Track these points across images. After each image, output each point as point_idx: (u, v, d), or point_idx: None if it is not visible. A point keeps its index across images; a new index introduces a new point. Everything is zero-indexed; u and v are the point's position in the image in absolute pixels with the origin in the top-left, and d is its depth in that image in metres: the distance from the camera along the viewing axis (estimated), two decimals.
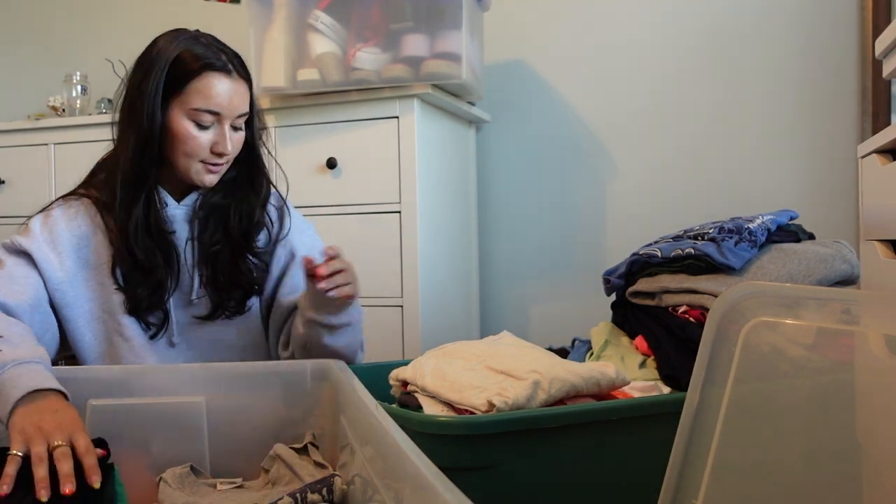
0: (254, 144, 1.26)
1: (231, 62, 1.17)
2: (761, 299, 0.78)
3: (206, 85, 1.13)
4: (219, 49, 1.17)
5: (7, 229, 2.22)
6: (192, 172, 1.18)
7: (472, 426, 0.92)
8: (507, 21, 2.17)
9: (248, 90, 1.20)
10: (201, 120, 1.14)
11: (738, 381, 0.77)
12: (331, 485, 0.81)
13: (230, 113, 1.15)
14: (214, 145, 1.16)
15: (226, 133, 1.16)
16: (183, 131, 1.14)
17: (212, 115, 1.14)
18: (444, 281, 1.93)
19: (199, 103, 1.13)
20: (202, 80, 1.13)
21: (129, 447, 0.91)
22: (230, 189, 1.26)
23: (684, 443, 0.79)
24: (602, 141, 2.13)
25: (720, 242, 1.23)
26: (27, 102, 2.68)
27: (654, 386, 1.17)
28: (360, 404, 0.78)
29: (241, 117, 1.18)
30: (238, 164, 1.25)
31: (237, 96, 1.16)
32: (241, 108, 1.17)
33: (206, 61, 1.14)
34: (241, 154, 1.24)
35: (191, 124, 1.14)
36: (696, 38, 2.02)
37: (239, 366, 1.06)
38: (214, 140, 1.16)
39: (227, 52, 1.18)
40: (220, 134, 1.16)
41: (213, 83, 1.13)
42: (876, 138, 0.95)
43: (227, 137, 1.16)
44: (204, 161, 1.17)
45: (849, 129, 1.89)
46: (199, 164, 1.17)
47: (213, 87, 1.13)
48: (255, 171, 1.28)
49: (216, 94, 1.13)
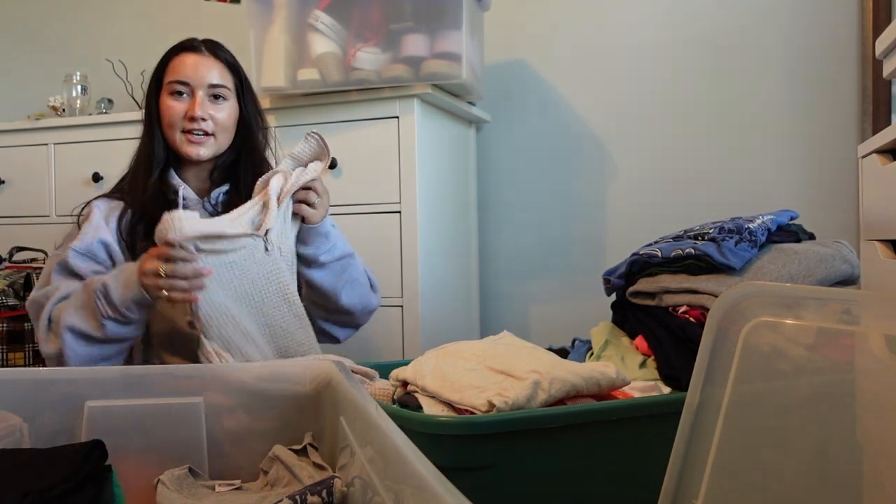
0: (249, 126, 1.40)
1: (203, 43, 1.37)
2: (761, 299, 0.77)
3: (177, 61, 1.35)
4: (196, 39, 1.37)
5: (7, 229, 2.22)
6: (178, 143, 1.34)
7: (472, 426, 0.92)
8: (507, 21, 2.17)
9: (224, 67, 1.37)
10: (175, 89, 1.33)
11: (738, 381, 0.77)
12: (330, 486, 0.80)
13: (198, 82, 1.33)
14: (187, 111, 1.32)
15: (197, 100, 1.32)
16: (163, 105, 1.34)
17: (182, 84, 1.32)
18: (445, 281, 1.92)
19: (171, 77, 1.34)
20: (174, 60, 1.35)
21: (126, 449, 0.91)
22: (231, 171, 1.41)
23: (684, 443, 0.79)
24: (602, 141, 2.12)
25: (720, 242, 1.23)
26: (27, 102, 2.68)
27: (654, 386, 1.16)
28: (360, 405, 0.78)
29: (216, 87, 1.34)
30: (236, 148, 1.40)
31: (204, 67, 1.33)
32: (208, 77, 1.33)
33: (178, 45, 1.37)
34: (241, 142, 1.40)
35: (169, 97, 1.33)
36: (697, 38, 2.02)
37: (238, 366, 1.06)
38: (188, 107, 1.32)
39: (204, 40, 1.38)
40: (191, 101, 1.32)
41: (182, 58, 1.34)
42: (876, 138, 0.95)
43: (196, 103, 1.31)
44: (184, 130, 1.32)
45: (849, 129, 1.89)
46: (181, 135, 1.33)
47: (182, 61, 1.34)
48: (253, 154, 1.41)
49: (183, 66, 1.33)
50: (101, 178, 2.09)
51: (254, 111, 1.42)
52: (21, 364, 1.75)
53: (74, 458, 0.79)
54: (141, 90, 2.49)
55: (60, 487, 0.74)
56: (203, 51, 1.36)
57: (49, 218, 2.19)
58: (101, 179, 2.09)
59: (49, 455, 0.81)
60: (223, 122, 1.35)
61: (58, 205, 2.19)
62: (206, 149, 1.35)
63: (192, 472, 0.93)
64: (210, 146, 1.35)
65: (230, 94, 1.37)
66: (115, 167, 1.50)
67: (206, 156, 1.35)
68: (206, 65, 1.34)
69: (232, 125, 1.38)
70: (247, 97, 1.40)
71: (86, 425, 0.92)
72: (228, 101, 1.36)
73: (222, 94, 1.35)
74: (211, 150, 1.35)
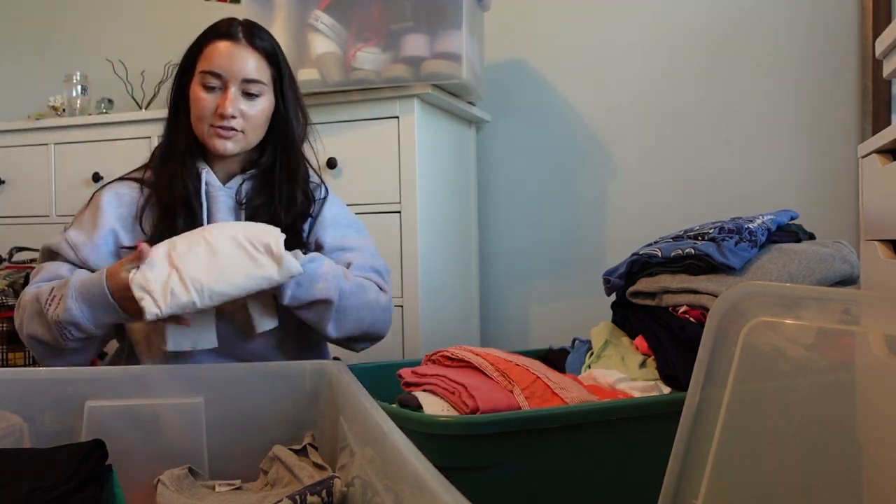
0: (286, 121, 1.30)
1: (241, 29, 1.25)
2: (761, 299, 0.77)
3: (211, 49, 1.23)
4: (235, 21, 1.27)
5: (7, 229, 2.22)
6: (205, 136, 1.24)
7: (472, 426, 0.92)
8: (507, 21, 2.17)
9: (262, 59, 1.25)
10: (208, 82, 1.22)
11: (738, 381, 0.77)
12: (330, 486, 0.80)
13: (233, 75, 1.22)
14: (218, 107, 1.22)
15: (229, 95, 1.21)
16: (194, 96, 1.23)
17: (215, 77, 1.22)
18: (445, 281, 1.92)
19: (204, 66, 1.23)
20: (209, 46, 1.24)
21: (127, 448, 0.91)
22: (266, 179, 1.30)
23: (684, 443, 0.79)
24: (602, 141, 2.12)
25: (720, 242, 1.23)
26: (27, 102, 2.68)
27: (654, 386, 1.16)
28: (360, 405, 0.78)
29: (250, 83, 1.23)
30: (271, 147, 1.30)
31: (240, 59, 1.22)
32: (244, 71, 1.22)
33: (215, 30, 1.25)
34: (275, 138, 1.30)
35: (200, 88, 1.23)
36: (697, 38, 2.02)
37: (238, 366, 1.06)
38: (219, 102, 1.22)
39: (243, 23, 1.27)
40: (223, 96, 1.22)
41: (217, 46, 1.23)
42: (876, 138, 0.95)
43: (228, 99, 1.21)
44: (212, 125, 1.23)
45: (849, 129, 1.89)
46: (209, 129, 1.23)
47: (217, 49, 1.23)
48: (288, 150, 1.31)
49: (218, 56, 1.22)
50: (101, 178, 2.08)
51: (294, 105, 1.31)
52: (21, 364, 1.75)
53: (74, 458, 0.80)
54: (141, 90, 2.49)
55: (61, 487, 0.75)
56: (240, 38, 1.24)
57: (49, 218, 2.19)
58: (101, 179, 2.09)
59: (49, 455, 0.81)
60: (254, 118, 1.25)
61: (58, 205, 2.19)
62: (234, 143, 1.25)
63: (192, 472, 0.93)
64: (238, 141, 1.25)
65: (266, 89, 1.26)
66: (116, 167, 1.49)
67: (232, 151, 1.25)
68: (242, 56, 1.23)
69: (264, 121, 1.28)
70: (285, 90, 1.29)
71: (86, 425, 0.92)
72: (263, 96, 1.25)
73: (257, 91, 1.24)
74: (239, 146, 1.26)
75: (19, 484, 0.75)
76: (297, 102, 1.33)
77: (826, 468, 0.75)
